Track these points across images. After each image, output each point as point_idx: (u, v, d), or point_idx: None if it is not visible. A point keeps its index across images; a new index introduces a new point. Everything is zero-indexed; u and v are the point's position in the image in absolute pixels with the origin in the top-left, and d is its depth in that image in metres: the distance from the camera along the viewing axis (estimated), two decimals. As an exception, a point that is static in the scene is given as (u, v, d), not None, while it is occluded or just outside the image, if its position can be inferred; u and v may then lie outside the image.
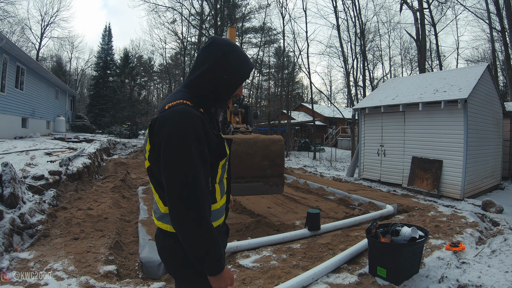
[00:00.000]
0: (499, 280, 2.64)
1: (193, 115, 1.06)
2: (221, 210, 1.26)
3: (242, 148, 4.41)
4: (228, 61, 1.15)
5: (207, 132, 1.09)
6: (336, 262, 3.02)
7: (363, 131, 9.31)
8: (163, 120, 1.05)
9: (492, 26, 15.41)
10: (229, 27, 6.75)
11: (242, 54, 1.21)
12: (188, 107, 1.08)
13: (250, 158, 4.47)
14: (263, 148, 4.57)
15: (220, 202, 1.23)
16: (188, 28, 23.27)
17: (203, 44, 1.21)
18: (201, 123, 1.07)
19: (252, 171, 4.51)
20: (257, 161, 4.53)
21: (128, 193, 6.51)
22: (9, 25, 23.99)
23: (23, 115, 11.29)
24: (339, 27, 17.87)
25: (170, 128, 1.02)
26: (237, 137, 4.57)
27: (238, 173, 4.38)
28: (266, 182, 4.63)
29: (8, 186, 3.67)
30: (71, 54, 36.07)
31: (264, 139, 4.65)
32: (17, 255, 3.01)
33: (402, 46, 25.54)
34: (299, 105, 31.74)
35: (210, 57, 1.15)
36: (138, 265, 3.19)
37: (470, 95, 6.62)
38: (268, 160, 4.60)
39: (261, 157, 4.56)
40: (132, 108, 20.33)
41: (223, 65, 1.15)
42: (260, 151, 4.56)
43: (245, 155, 4.41)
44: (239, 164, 4.35)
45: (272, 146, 4.63)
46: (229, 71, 1.16)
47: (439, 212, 5.23)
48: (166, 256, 1.18)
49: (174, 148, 1.01)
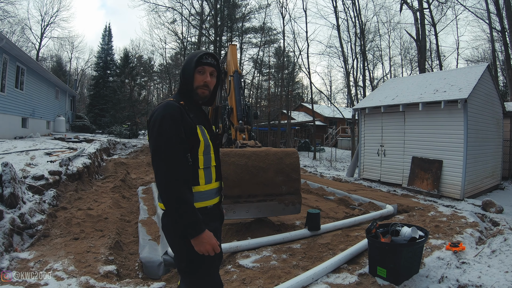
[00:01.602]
0: (499, 280, 2.63)
1: (172, 105, 1.41)
2: (208, 193, 1.51)
3: (252, 161, 3.95)
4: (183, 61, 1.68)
5: (184, 118, 1.41)
6: (336, 262, 3.02)
7: (363, 131, 9.31)
8: (152, 114, 1.44)
9: (492, 26, 15.41)
10: (230, 44, 6.72)
11: (192, 52, 1.63)
12: (169, 101, 1.44)
13: (262, 173, 3.97)
14: (277, 161, 4.06)
15: (206, 186, 1.49)
16: (188, 28, 23.24)
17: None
18: (177, 110, 1.40)
19: (264, 188, 3.99)
20: (270, 176, 4.01)
21: (128, 193, 6.51)
22: (9, 25, 23.98)
23: (23, 115, 11.29)
24: (339, 27, 17.87)
25: (155, 116, 1.40)
26: (246, 150, 4.10)
27: (249, 190, 3.93)
28: (281, 201, 4.08)
29: (8, 186, 3.67)
30: (71, 54, 36.11)
31: (276, 152, 4.18)
32: (17, 255, 3.01)
33: (402, 46, 25.58)
34: (299, 105, 31.74)
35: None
36: (138, 265, 3.19)
37: (470, 95, 6.62)
38: (282, 175, 4.07)
39: (274, 172, 4.03)
40: (132, 108, 20.32)
41: (181, 66, 1.58)
42: (273, 164, 4.03)
43: (257, 169, 3.95)
44: (250, 180, 3.90)
45: (286, 159, 4.12)
46: (183, 66, 1.55)
47: (439, 212, 5.23)
48: (164, 229, 1.48)
49: (154, 128, 1.37)
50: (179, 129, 1.37)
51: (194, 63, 1.48)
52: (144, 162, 11.06)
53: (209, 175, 1.50)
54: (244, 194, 3.95)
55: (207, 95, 1.55)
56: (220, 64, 1.67)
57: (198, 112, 1.55)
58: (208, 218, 1.48)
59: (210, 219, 1.51)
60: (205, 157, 1.48)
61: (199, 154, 1.46)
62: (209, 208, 1.51)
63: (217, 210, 1.59)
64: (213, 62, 1.53)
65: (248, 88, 24.68)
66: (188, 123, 1.42)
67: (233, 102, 5.55)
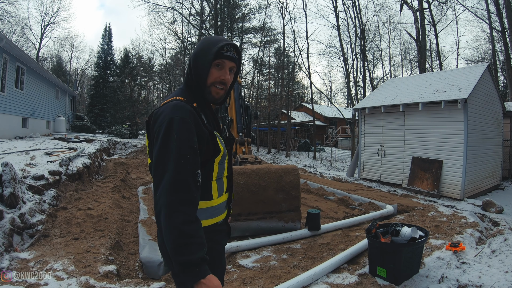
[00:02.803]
0: (499, 280, 2.63)
1: (183, 107, 1.10)
2: (220, 207, 1.27)
3: (252, 180, 3.96)
4: (196, 47, 1.23)
5: (197, 123, 1.11)
6: (336, 262, 3.02)
7: (363, 131, 9.31)
8: (156, 115, 1.12)
9: (492, 26, 15.41)
10: None
11: (210, 37, 1.24)
12: (180, 102, 1.12)
13: (262, 191, 4.00)
14: (277, 179, 4.10)
15: (218, 200, 1.24)
16: (188, 28, 23.26)
17: None
18: (190, 114, 1.10)
19: (264, 206, 4.02)
20: (270, 194, 4.04)
21: (128, 193, 6.51)
22: (9, 25, 24.01)
23: (23, 115, 11.29)
24: (339, 27, 17.87)
25: (161, 119, 1.08)
26: (246, 168, 4.10)
27: (249, 208, 3.95)
28: (281, 218, 4.13)
29: (8, 186, 3.67)
30: (71, 54, 36.14)
31: (276, 169, 4.20)
32: (17, 255, 3.01)
33: (402, 46, 25.63)
34: (299, 105, 31.74)
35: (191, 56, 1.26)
36: (138, 265, 3.19)
37: (470, 95, 6.62)
38: (282, 192, 4.11)
39: (274, 190, 4.07)
40: (132, 108, 20.33)
41: (193, 52, 1.24)
42: (273, 182, 4.08)
43: (257, 188, 3.98)
44: (250, 198, 3.93)
45: (286, 176, 4.16)
46: (196, 54, 1.22)
47: (439, 212, 5.23)
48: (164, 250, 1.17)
49: (164, 136, 1.05)
50: (191, 139, 1.07)
51: (212, 54, 1.17)
52: (144, 162, 11.06)
53: (221, 186, 1.27)
54: (244, 212, 3.97)
55: (221, 95, 1.24)
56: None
57: (209, 113, 1.26)
58: (219, 235, 1.28)
59: (222, 237, 1.31)
60: (220, 167, 1.24)
61: (215, 164, 1.21)
62: (219, 224, 1.28)
63: (226, 226, 1.35)
64: (234, 56, 1.23)
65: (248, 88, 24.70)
66: (202, 130, 1.13)
67: (233, 113, 5.38)
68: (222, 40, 1.21)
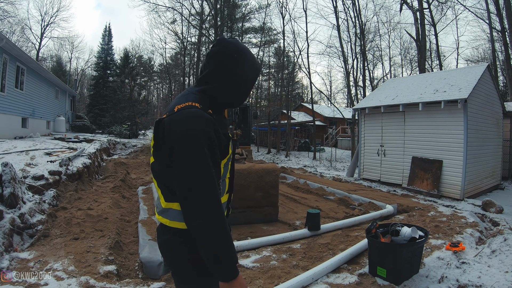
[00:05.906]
0: (499, 280, 2.63)
1: (203, 117, 1.06)
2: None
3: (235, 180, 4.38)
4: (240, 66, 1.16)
5: (218, 134, 1.09)
6: (336, 262, 3.02)
7: (363, 131, 9.31)
8: (173, 123, 1.05)
9: (492, 26, 15.42)
10: None
11: (252, 57, 1.21)
12: (198, 110, 1.07)
13: (244, 190, 4.48)
14: (257, 179, 4.60)
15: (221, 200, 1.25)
16: (188, 28, 23.30)
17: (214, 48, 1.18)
18: (211, 125, 1.07)
19: (245, 202, 4.54)
20: (251, 192, 4.57)
21: (128, 193, 6.51)
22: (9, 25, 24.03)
23: (23, 115, 11.29)
24: (339, 27, 17.88)
25: (181, 131, 1.02)
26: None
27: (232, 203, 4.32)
28: (260, 212, 4.69)
29: (8, 186, 3.67)
30: (71, 54, 36.11)
31: (258, 170, 4.65)
32: (17, 255, 3.01)
33: (402, 46, 25.62)
34: (299, 105, 31.74)
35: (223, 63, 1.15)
36: (138, 265, 3.19)
37: (470, 95, 6.62)
38: (262, 191, 4.64)
39: (254, 189, 4.59)
40: (132, 108, 20.31)
41: (236, 72, 1.15)
42: (254, 182, 4.58)
43: (239, 187, 4.36)
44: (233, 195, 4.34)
45: (266, 176, 4.66)
46: (242, 77, 1.16)
47: (439, 212, 5.23)
48: (164, 249, 1.21)
49: (187, 151, 1.01)
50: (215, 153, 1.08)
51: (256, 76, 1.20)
52: (144, 162, 11.06)
53: (223, 187, 1.26)
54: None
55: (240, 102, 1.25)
56: None
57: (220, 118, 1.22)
58: None
59: None
60: (225, 168, 1.23)
61: (221, 166, 1.20)
62: None
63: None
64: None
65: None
66: (222, 140, 1.12)
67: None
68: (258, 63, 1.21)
